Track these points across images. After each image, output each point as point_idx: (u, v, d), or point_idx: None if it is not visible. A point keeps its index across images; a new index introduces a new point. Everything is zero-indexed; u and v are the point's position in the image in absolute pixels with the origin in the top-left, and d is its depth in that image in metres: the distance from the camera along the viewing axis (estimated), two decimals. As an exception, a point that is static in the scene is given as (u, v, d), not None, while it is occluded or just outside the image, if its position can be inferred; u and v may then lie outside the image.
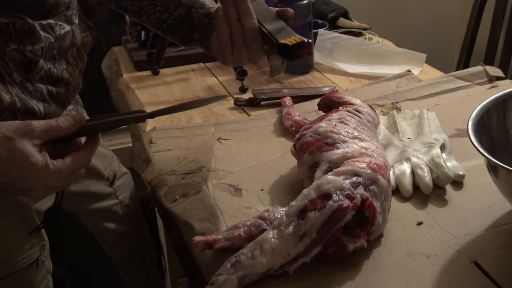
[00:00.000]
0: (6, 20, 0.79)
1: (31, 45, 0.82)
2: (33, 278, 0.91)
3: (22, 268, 0.88)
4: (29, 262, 0.89)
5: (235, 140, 1.12)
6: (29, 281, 0.90)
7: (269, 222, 0.78)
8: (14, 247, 0.88)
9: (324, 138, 0.88)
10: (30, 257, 0.89)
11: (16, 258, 0.87)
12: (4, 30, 0.79)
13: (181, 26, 1.00)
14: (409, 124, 1.09)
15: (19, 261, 0.87)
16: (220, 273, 0.72)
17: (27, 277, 0.90)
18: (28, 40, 0.81)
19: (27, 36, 0.81)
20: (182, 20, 1.00)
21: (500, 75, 1.29)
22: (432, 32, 2.72)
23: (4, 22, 0.78)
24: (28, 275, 0.90)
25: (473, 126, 0.79)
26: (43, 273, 0.93)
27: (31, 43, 0.82)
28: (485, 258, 0.76)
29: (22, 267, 0.88)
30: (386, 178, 0.81)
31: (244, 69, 1.38)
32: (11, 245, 0.87)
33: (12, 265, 0.86)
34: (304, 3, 1.42)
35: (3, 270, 0.85)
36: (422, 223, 0.84)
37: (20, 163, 0.71)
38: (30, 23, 0.81)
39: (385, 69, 1.45)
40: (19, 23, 0.80)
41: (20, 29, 0.80)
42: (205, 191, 0.94)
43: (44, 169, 0.72)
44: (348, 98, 1.02)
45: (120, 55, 1.71)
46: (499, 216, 0.84)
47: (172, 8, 0.99)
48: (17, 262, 0.87)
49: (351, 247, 0.76)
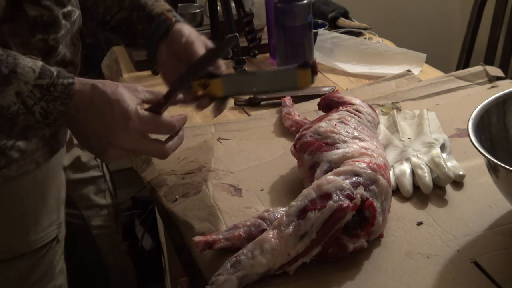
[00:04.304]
0: (35, 13, 0.81)
1: (54, 34, 0.84)
2: (53, 256, 0.95)
3: (43, 245, 0.92)
4: (49, 239, 0.93)
5: (235, 140, 1.12)
6: (49, 259, 0.94)
7: (269, 222, 0.78)
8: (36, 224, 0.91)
9: (324, 138, 0.88)
10: (49, 234, 0.93)
11: (38, 234, 0.90)
12: (32, 22, 0.81)
13: (122, 30, 1.00)
14: (409, 124, 1.09)
15: (40, 238, 0.91)
16: (220, 273, 0.72)
17: (47, 255, 0.94)
18: (52, 30, 0.84)
19: (51, 26, 0.84)
20: (123, 24, 0.99)
21: (500, 75, 1.29)
22: (432, 32, 2.72)
23: (33, 16, 0.81)
24: (48, 252, 0.94)
25: (473, 126, 0.79)
26: (60, 252, 0.97)
27: (54, 32, 0.84)
28: (485, 258, 0.76)
29: (43, 243, 0.92)
30: (386, 178, 0.81)
31: (244, 69, 1.38)
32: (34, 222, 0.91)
33: (35, 241, 0.90)
34: (304, 3, 1.42)
35: (27, 246, 0.89)
36: (422, 223, 0.84)
37: (115, 96, 0.75)
38: (55, 14, 0.84)
39: (385, 69, 1.45)
40: (46, 15, 0.82)
41: (46, 20, 0.83)
42: (205, 191, 0.94)
43: (130, 108, 0.76)
44: (348, 98, 1.02)
45: (120, 55, 1.71)
46: (499, 216, 0.84)
47: (114, 11, 0.99)
48: (39, 238, 0.91)
49: (351, 247, 0.76)
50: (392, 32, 1.97)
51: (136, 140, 0.78)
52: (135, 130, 0.77)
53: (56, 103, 0.74)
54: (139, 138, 0.78)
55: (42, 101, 0.74)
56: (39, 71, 0.73)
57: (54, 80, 0.74)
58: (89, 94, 0.76)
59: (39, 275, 0.93)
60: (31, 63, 0.74)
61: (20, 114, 0.74)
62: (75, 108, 0.76)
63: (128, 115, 0.76)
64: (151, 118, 0.78)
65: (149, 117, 0.78)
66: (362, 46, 1.55)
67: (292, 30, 1.43)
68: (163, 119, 0.79)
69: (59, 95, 0.74)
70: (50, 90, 0.74)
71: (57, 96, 0.74)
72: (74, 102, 0.76)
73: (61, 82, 0.75)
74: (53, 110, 0.75)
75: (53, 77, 0.74)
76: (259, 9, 1.65)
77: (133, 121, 0.76)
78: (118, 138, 0.77)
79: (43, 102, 0.74)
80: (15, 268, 0.90)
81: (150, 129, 0.79)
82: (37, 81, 0.73)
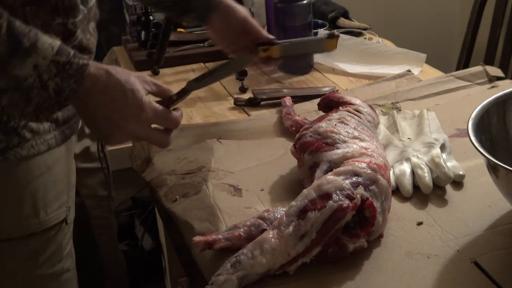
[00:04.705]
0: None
1: (73, 18, 0.89)
2: (62, 238, 0.98)
3: (52, 226, 0.95)
4: (58, 221, 0.96)
5: (235, 140, 1.12)
6: (58, 241, 0.97)
7: (269, 222, 0.78)
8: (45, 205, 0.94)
9: (324, 138, 0.88)
10: (59, 215, 0.96)
11: (48, 215, 0.93)
12: (54, 6, 0.85)
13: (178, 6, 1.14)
14: (409, 124, 1.09)
15: (49, 219, 0.94)
16: (220, 273, 0.72)
17: (56, 236, 0.96)
18: (71, 14, 0.88)
19: (71, 11, 0.88)
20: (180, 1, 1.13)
21: (500, 75, 1.29)
22: (432, 32, 2.72)
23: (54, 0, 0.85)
24: (57, 234, 0.96)
25: (473, 126, 0.79)
26: (69, 236, 1.00)
27: (73, 16, 0.89)
28: (485, 258, 0.76)
29: (52, 224, 0.95)
30: (386, 178, 0.81)
31: (244, 69, 1.38)
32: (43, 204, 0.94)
33: (44, 222, 0.93)
34: (304, 3, 1.42)
35: (37, 226, 0.92)
36: (422, 223, 0.84)
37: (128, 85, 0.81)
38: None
39: (385, 69, 1.45)
40: (66, 0, 0.87)
41: (67, 5, 0.87)
42: (205, 191, 0.94)
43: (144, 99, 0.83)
44: (348, 98, 1.02)
45: (120, 55, 1.71)
46: (499, 216, 0.84)
47: None
48: (48, 219, 0.94)
49: (351, 247, 0.76)
50: (392, 32, 1.97)
51: (145, 129, 0.84)
52: (147, 120, 0.83)
53: (70, 80, 0.78)
54: (147, 127, 0.84)
55: (57, 77, 0.77)
56: (57, 48, 0.77)
57: (71, 59, 0.78)
58: (104, 81, 0.80)
59: (47, 255, 0.96)
60: (50, 40, 0.77)
61: (35, 87, 0.77)
62: (88, 90, 0.80)
63: (142, 106, 0.82)
64: (163, 112, 0.85)
65: (162, 110, 0.85)
66: (362, 46, 1.55)
67: (292, 30, 1.43)
68: (173, 114, 0.86)
69: (73, 73, 0.78)
70: (66, 68, 0.78)
71: (71, 74, 0.78)
72: (87, 84, 0.80)
73: (77, 62, 0.78)
74: (66, 87, 0.78)
75: (69, 56, 0.78)
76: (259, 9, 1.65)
77: (146, 112, 0.82)
78: (128, 125, 0.82)
79: (57, 78, 0.78)
80: (25, 247, 0.93)
81: (160, 121, 0.85)
82: (55, 57, 0.77)
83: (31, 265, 0.95)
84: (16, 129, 0.87)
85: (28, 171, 0.91)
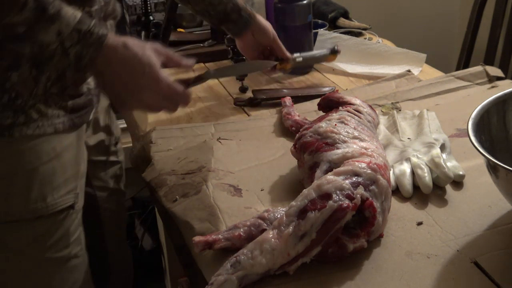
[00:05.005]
0: None
1: (89, 7, 0.93)
2: (69, 224, 1.00)
3: (59, 211, 0.97)
4: (66, 206, 0.98)
5: (235, 140, 1.12)
6: (65, 226, 0.99)
7: (269, 222, 0.78)
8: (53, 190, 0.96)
9: (324, 138, 0.88)
10: (66, 201, 0.98)
11: (55, 200, 0.96)
12: None
13: (220, 17, 1.25)
14: (409, 124, 1.09)
15: (57, 203, 0.96)
16: (220, 273, 0.72)
17: (63, 222, 0.99)
18: (87, 3, 0.93)
19: None
20: (221, 13, 1.25)
21: (500, 75, 1.29)
22: (432, 32, 2.71)
23: None
24: (65, 219, 0.99)
25: (473, 126, 0.79)
26: (77, 222, 1.02)
27: (89, 5, 0.93)
28: (485, 258, 0.76)
29: (59, 209, 0.97)
30: (386, 178, 0.81)
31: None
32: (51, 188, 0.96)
33: (51, 206, 0.96)
34: (304, 3, 1.42)
35: (44, 209, 0.95)
36: (422, 223, 0.84)
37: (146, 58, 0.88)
38: None
39: (385, 69, 1.45)
40: None
41: None
42: (205, 191, 0.94)
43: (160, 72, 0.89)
44: (348, 98, 1.02)
45: (120, 55, 1.71)
46: (499, 216, 0.84)
47: (216, 3, 1.24)
48: (56, 203, 0.96)
49: (351, 247, 0.76)
50: (392, 32, 1.97)
51: (158, 99, 0.91)
52: (161, 92, 0.90)
53: (90, 48, 0.84)
54: (161, 98, 0.91)
55: (78, 45, 0.83)
56: (79, 18, 0.83)
57: (91, 29, 0.84)
58: (122, 52, 0.86)
59: (55, 239, 0.98)
60: (72, 10, 0.83)
61: (57, 54, 0.83)
62: (107, 60, 0.86)
63: (158, 79, 0.89)
64: (177, 87, 0.92)
65: (176, 85, 0.92)
66: (362, 46, 1.55)
67: (292, 30, 1.43)
68: (185, 91, 0.94)
69: (93, 42, 0.84)
70: (86, 36, 0.83)
71: (91, 43, 0.84)
72: (106, 54, 0.85)
73: (97, 32, 0.84)
74: (85, 55, 0.84)
75: (90, 26, 0.84)
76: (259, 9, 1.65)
77: (162, 85, 0.89)
78: (143, 95, 0.89)
79: (78, 46, 0.83)
80: (32, 230, 0.96)
81: (173, 95, 0.92)
82: (77, 25, 0.82)
83: (38, 247, 0.97)
84: (23, 107, 0.90)
85: (36, 156, 0.93)
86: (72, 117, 0.97)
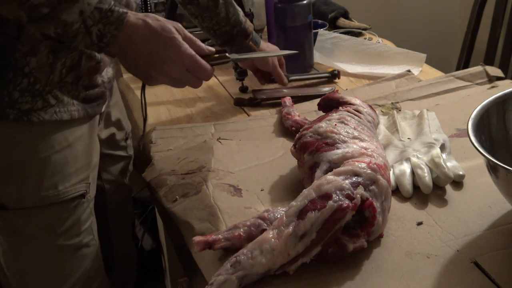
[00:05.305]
0: None
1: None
2: (80, 213, 1.02)
3: (70, 199, 1.00)
4: (77, 195, 1.01)
5: (235, 140, 1.12)
6: (76, 215, 1.02)
7: (269, 222, 0.78)
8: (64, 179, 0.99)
9: (324, 138, 0.88)
10: (77, 189, 1.01)
11: (66, 188, 0.99)
12: None
13: (225, 38, 1.28)
14: (409, 124, 1.09)
15: (68, 191, 0.99)
16: (220, 273, 0.72)
17: (75, 210, 1.01)
18: None
19: None
20: (226, 34, 1.27)
21: (500, 75, 1.29)
22: (432, 32, 2.71)
23: None
24: (76, 208, 1.01)
25: (473, 126, 0.79)
26: (88, 211, 1.05)
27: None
28: (485, 258, 0.76)
29: (71, 197, 1.00)
30: (386, 178, 0.81)
31: (244, 69, 1.38)
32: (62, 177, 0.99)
33: (63, 194, 0.99)
34: (304, 3, 1.42)
35: (56, 198, 0.98)
36: (422, 223, 0.84)
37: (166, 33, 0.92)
38: None
39: (385, 69, 1.45)
40: None
41: None
42: (205, 191, 0.94)
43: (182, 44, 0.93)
44: (348, 98, 1.02)
45: (120, 55, 1.71)
46: (499, 216, 0.84)
47: (223, 24, 1.25)
48: (67, 192, 0.99)
49: (351, 247, 0.76)
50: (392, 32, 1.97)
51: (182, 72, 0.94)
52: (184, 64, 0.93)
53: (111, 27, 0.87)
54: (184, 71, 0.94)
55: (100, 23, 0.86)
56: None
57: (112, 7, 0.87)
58: (143, 29, 0.90)
59: (66, 227, 1.01)
60: None
61: (80, 33, 0.86)
62: (128, 38, 0.89)
63: (181, 51, 0.93)
64: (200, 60, 0.95)
65: (198, 58, 0.95)
66: (362, 46, 1.55)
67: (292, 30, 1.43)
68: (207, 65, 0.96)
69: (114, 20, 0.87)
70: (108, 15, 0.86)
71: (112, 21, 0.87)
72: (127, 31, 0.89)
73: (117, 10, 0.87)
74: (107, 33, 0.87)
75: (111, 4, 0.87)
76: (259, 9, 1.65)
77: (184, 57, 0.93)
78: (167, 68, 0.93)
79: (100, 25, 0.86)
80: (43, 217, 0.99)
81: (195, 68, 0.95)
82: (98, 4, 0.85)
83: (49, 234, 1.00)
84: (41, 92, 0.92)
85: (49, 145, 0.96)
86: (85, 107, 0.99)
